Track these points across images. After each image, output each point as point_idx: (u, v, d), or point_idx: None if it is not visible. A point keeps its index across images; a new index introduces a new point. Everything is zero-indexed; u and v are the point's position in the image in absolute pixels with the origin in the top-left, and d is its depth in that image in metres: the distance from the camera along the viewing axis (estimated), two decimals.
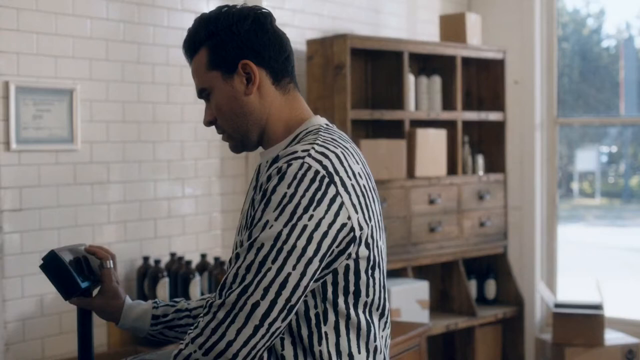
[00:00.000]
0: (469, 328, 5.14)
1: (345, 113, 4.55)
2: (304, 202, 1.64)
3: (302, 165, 1.67)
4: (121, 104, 4.05)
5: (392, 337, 3.58)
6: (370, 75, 5.04)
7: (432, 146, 4.92)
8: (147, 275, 4.02)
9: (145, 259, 4.05)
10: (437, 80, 5.12)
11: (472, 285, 5.37)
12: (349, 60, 4.56)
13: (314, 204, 1.65)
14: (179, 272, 4.05)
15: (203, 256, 4.20)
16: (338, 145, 1.77)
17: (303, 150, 1.71)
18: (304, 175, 1.66)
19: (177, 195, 4.29)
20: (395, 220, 4.75)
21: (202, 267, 4.15)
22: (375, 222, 1.77)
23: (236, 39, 1.83)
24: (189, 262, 4.08)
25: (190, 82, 2.64)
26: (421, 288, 4.74)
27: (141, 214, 4.13)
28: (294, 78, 1.92)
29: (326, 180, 1.67)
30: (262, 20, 1.86)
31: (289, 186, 1.65)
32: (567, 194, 14.52)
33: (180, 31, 4.21)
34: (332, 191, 1.67)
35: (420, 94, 5.05)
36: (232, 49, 1.83)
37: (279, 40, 1.88)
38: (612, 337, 5.10)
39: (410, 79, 4.94)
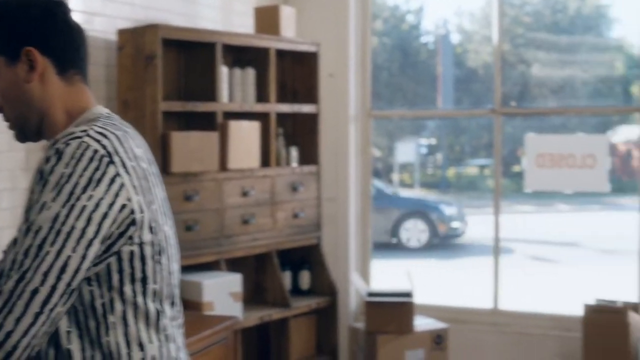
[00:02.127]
0: (283, 319, 5.18)
1: (156, 105, 4.47)
2: (83, 181, 1.61)
3: (80, 144, 1.64)
4: None
5: (199, 332, 3.56)
6: (184, 67, 4.98)
7: (245, 138, 4.91)
8: None
9: None
10: (251, 73, 5.12)
11: (287, 277, 5.41)
12: (160, 50, 4.49)
13: (93, 184, 1.61)
14: None
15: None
16: (119, 129, 1.76)
17: (82, 131, 1.68)
18: (82, 154, 1.63)
19: None
20: (207, 213, 4.72)
21: None
22: (158, 206, 1.76)
23: (22, 26, 1.79)
24: None
25: None
26: (234, 281, 4.73)
27: None
28: (84, 71, 1.88)
29: (106, 159, 1.65)
30: (52, 9, 1.82)
31: (66, 166, 1.62)
32: (388, 185, 14.79)
33: None
34: (112, 171, 1.65)
35: (234, 86, 5.04)
36: (17, 35, 1.79)
37: (70, 31, 1.85)
38: (422, 323, 5.27)
39: (223, 71, 4.91)
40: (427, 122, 14.57)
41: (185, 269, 4.65)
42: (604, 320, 4.99)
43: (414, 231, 11.91)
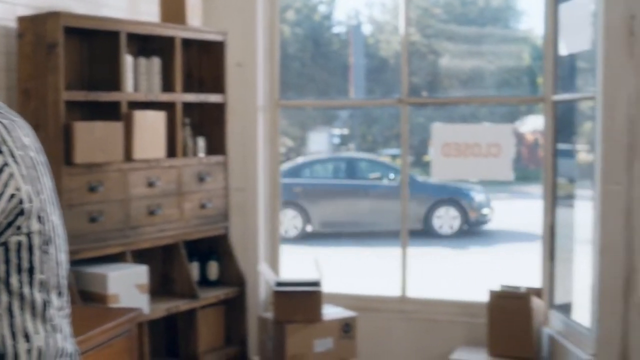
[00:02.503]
0: (190, 310, 5.14)
1: (58, 94, 4.38)
2: None
3: None
4: None
5: (101, 324, 3.51)
6: (87, 56, 4.89)
7: (150, 128, 4.85)
8: None
9: None
10: (156, 62, 5.06)
11: (194, 268, 5.38)
12: (62, 39, 4.39)
13: None
14: None
15: None
16: (5, 117, 1.71)
17: None
18: None
19: None
20: (112, 204, 4.65)
21: None
22: (46, 196, 1.72)
23: None
24: None
25: None
26: (140, 272, 4.68)
27: None
28: None
29: None
30: None
31: None
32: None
33: None
34: (0, 161, 1.60)
35: (139, 75, 4.97)
36: None
37: None
38: (331, 312, 5.30)
39: (128, 60, 4.84)
40: (340, 112, 14.64)
41: (90, 261, 4.59)
42: (508, 305, 5.10)
43: (446, 218, 11.90)
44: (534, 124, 13.23)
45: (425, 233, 11.57)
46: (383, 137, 14.68)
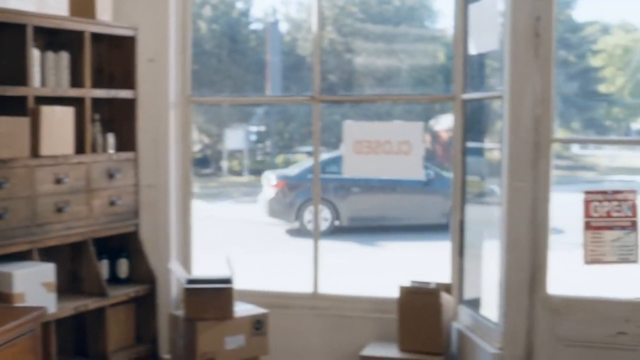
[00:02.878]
0: (99, 309, 5.07)
1: None
2: None
3: None
4: None
5: (3, 324, 3.44)
6: None
7: (58, 124, 4.77)
8: None
9: None
10: (65, 56, 4.98)
11: (104, 265, 5.31)
12: None
13: None
14: None
15: None
16: None
17: None
18: None
19: None
20: (18, 201, 4.56)
21: None
22: None
23: None
24: None
25: None
26: (47, 270, 4.60)
27: None
28: None
29: None
30: None
31: None
32: (216, 172, 14.83)
33: None
34: None
35: (46, 70, 4.88)
36: None
37: None
38: (242, 309, 5.28)
39: (35, 54, 4.75)
40: (256, 109, 14.63)
41: None
42: (417, 301, 5.16)
43: None
44: (448, 123, 13.41)
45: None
46: (300, 135, 14.71)
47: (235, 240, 11.63)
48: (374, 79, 12.96)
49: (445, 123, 13.57)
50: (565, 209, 4.97)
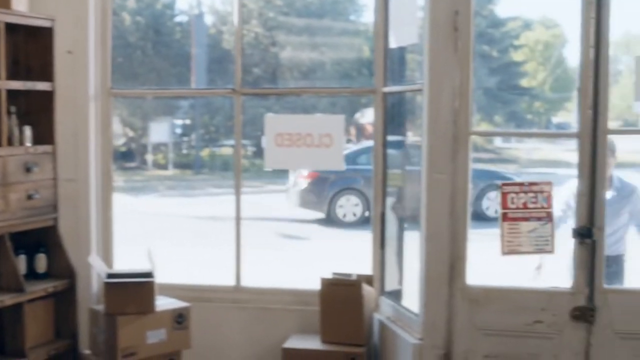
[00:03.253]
0: (17, 304, 4.98)
1: None
2: None
3: None
4: None
5: None
6: None
7: None
8: None
9: None
10: None
11: (21, 260, 5.21)
12: None
13: None
14: None
15: None
16: None
17: None
18: None
19: None
20: None
21: None
22: None
23: None
24: None
25: None
26: None
27: None
28: None
29: None
30: None
31: None
32: (141, 166, 14.67)
33: None
34: None
35: None
36: None
37: None
38: (164, 303, 5.26)
39: None
40: (181, 102, 14.52)
41: None
42: (339, 293, 5.19)
43: (495, 202, 12.05)
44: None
45: (474, 216, 11.86)
46: (225, 128, 14.64)
47: (158, 233, 11.54)
48: (299, 73, 12.97)
49: (370, 116, 13.64)
50: None
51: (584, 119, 4.45)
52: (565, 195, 5.46)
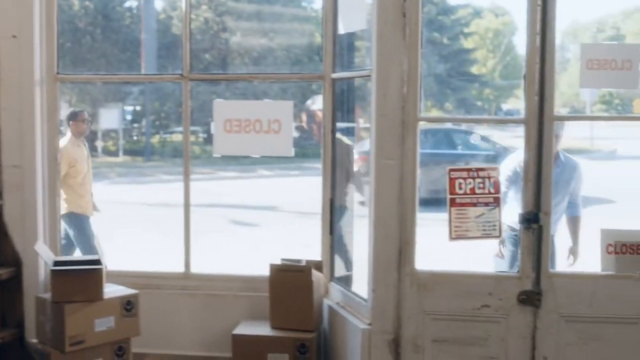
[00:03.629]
0: None
1: None
2: None
3: None
4: None
5: None
6: None
7: None
8: None
9: None
10: None
11: None
12: None
13: None
14: None
15: None
16: None
17: None
18: None
19: None
20: None
21: None
22: None
23: None
24: None
25: None
26: None
27: None
28: None
29: None
30: None
31: None
32: (90, 153, 14.50)
33: None
34: None
35: None
36: None
37: None
38: (112, 290, 5.20)
39: None
40: (132, 88, 14.38)
41: None
42: (288, 279, 5.19)
43: None
44: None
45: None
46: (176, 114, 14.55)
47: (108, 221, 11.44)
48: (250, 59, 12.92)
49: (321, 103, 13.65)
50: None
51: (530, 105, 4.49)
52: (508, 169, 5.59)
